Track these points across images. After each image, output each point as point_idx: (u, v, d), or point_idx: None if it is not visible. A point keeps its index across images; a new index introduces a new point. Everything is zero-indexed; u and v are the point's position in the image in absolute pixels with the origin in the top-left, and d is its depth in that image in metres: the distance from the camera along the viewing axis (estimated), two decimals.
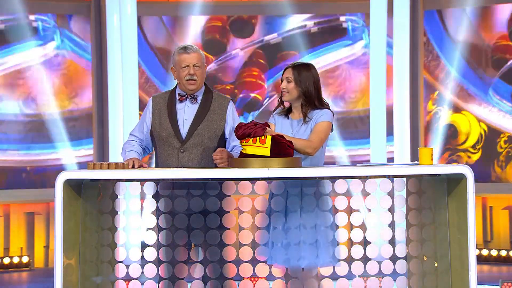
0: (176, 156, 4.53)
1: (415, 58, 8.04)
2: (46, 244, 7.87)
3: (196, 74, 4.55)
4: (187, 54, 4.56)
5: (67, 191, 4.03)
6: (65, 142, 7.89)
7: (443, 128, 8.02)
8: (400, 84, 7.88)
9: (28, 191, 7.83)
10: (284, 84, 4.50)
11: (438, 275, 4.28)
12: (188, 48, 4.58)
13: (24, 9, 7.75)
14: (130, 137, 4.70)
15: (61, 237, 4.00)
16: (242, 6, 8.31)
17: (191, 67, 4.54)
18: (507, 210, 7.93)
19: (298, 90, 4.48)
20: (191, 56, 4.56)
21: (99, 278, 4.28)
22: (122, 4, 7.68)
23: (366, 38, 8.12)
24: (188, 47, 4.58)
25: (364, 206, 4.25)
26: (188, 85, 4.55)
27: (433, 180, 4.28)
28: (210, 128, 4.56)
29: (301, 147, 4.31)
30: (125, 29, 7.67)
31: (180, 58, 4.57)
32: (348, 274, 4.26)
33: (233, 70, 8.24)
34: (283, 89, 4.50)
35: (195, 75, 4.55)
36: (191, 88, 4.56)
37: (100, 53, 7.99)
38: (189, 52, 4.56)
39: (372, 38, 7.82)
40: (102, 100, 7.98)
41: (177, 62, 4.58)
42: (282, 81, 4.52)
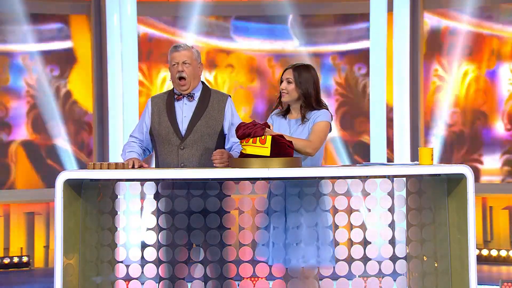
0: (176, 153, 4.53)
1: (415, 58, 8.04)
2: (46, 244, 7.87)
3: (186, 71, 4.55)
4: (177, 52, 4.57)
5: (67, 191, 4.03)
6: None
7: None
8: (400, 84, 7.88)
9: (28, 191, 7.83)
10: (284, 85, 4.49)
11: (438, 275, 4.28)
12: (179, 46, 4.60)
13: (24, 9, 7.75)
14: (130, 138, 4.70)
15: (61, 237, 4.00)
16: (242, 6, 8.31)
17: (180, 64, 4.55)
18: (507, 210, 7.93)
19: (298, 92, 4.47)
20: (180, 54, 4.57)
21: (99, 278, 4.28)
22: (122, 4, 7.68)
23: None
24: (178, 45, 4.61)
25: (364, 206, 4.25)
26: (179, 86, 4.56)
27: (433, 180, 4.28)
28: (209, 124, 4.56)
29: (301, 147, 4.31)
30: (125, 29, 7.67)
31: (170, 56, 4.60)
32: (348, 274, 4.26)
33: None
34: (283, 90, 4.50)
35: (184, 72, 4.55)
36: (182, 89, 4.57)
37: (100, 53, 7.98)
38: (179, 50, 4.57)
39: (372, 38, 7.82)
40: (102, 101, 7.98)
41: (169, 61, 4.61)
42: (282, 82, 4.51)
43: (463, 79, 8.08)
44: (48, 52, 7.97)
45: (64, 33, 8.03)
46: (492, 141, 8.02)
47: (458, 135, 8.11)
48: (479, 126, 8.05)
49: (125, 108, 7.65)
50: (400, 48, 7.87)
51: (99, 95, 8.00)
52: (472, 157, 8.07)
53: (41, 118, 7.93)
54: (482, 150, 8.05)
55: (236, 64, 8.31)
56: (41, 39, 7.95)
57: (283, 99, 4.53)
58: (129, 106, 7.65)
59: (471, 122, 8.08)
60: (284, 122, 4.54)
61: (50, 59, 7.97)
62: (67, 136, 7.96)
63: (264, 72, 8.33)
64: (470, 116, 8.08)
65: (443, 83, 8.13)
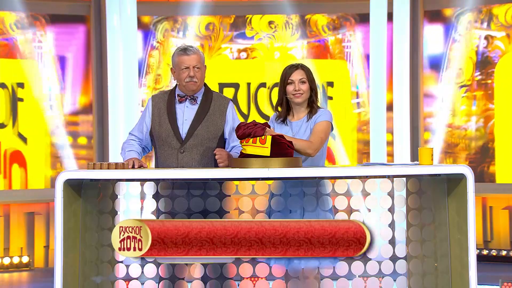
0: (176, 157, 4.53)
1: (415, 58, 8.03)
2: (46, 244, 7.86)
3: (196, 75, 4.55)
4: (187, 55, 4.56)
5: (67, 191, 4.03)
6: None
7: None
8: (400, 84, 7.88)
9: (28, 191, 7.82)
10: (298, 86, 4.47)
11: (438, 275, 4.28)
12: (188, 49, 4.57)
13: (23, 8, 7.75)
14: (129, 136, 4.70)
15: (61, 237, 4.00)
16: (242, 6, 8.31)
17: (191, 69, 4.54)
18: (507, 210, 7.92)
19: (309, 90, 4.49)
20: (191, 58, 4.56)
21: (99, 278, 4.28)
22: (122, 4, 7.68)
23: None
24: (188, 49, 4.58)
25: (364, 206, 4.25)
26: (188, 85, 4.56)
27: (433, 180, 4.28)
28: (210, 129, 4.56)
29: (302, 148, 4.31)
30: (125, 29, 7.67)
31: (179, 59, 4.57)
32: (348, 274, 4.26)
33: None
34: (298, 91, 4.47)
35: (195, 77, 4.55)
36: (192, 89, 4.56)
37: (100, 53, 7.98)
38: (189, 53, 4.56)
39: (372, 39, 7.81)
40: (102, 100, 7.97)
41: (176, 63, 4.58)
42: (290, 83, 4.48)
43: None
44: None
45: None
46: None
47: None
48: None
49: (125, 108, 7.65)
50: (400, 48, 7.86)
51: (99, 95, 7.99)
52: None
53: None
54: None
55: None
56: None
57: (298, 100, 4.49)
58: (129, 106, 7.65)
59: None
60: (286, 128, 4.53)
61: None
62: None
63: None
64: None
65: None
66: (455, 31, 7.97)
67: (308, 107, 4.53)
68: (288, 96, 4.52)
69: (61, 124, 7.89)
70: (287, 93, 4.51)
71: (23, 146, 7.80)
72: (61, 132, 7.90)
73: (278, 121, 4.58)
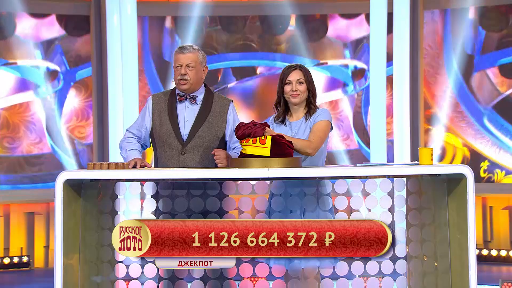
0: (177, 158, 4.52)
1: (415, 58, 8.04)
2: (46, 244, 7.87)
3: (189, 74, 4.54)
4: (182, 54, 4.56)
5: (67, 191, 4.03)
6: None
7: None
8: (400, 84, 7.88)
9: (28, 191, 7.83)
10: (296, 86, 4.48)
11: (438, 275, 4.28)
12: (185, 47, 4.57)
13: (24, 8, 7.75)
14: (127, 133, 4.66)
15: (61, 237, 4.00)
16: (242, 6, 8.31)
17: (183, 67, 4.53)
18: (507, 210, 7.93)
19: (307, 91, 4.49)
20: (185, 56, 4.55)
21: (99, 278, 4.28)
22: (122, 4, 7.68)
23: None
24: (184, 47, 4.58)
25: (364, 206, 4.25)
26: (179, 85, 4.55)
27: (433, 180, 4.28)
28: (211, 130, 4.56)
29: (301, 147, 4.31)
30: (125, 29, 7.67)
31: (175, 57, 4.59)
32: (348, 274, 4.26)
33: None
34: (295, 92, 4.48)
35: (186, 75, 4.53)
36: (182, 88, 4.55)
37: (100, 53, 7.98)
38: (184, 52, 4.55)
39: (372, 39, 7.81)
40: (102, 101, 7.98)
41: (173, 61, 4.60)
42: (288, 83, 4.49)
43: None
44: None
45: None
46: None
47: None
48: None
49: (125, 108, 7.65)
50: (400, 49, 7.86)
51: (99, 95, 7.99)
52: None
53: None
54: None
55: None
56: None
57: (295, 100, 4.50)
58: (129, 106, 7.64)
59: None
60: (285, 129, 4.53)
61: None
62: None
63: None
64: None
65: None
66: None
67: (306, 107, 4.54)
68: (286, 96, 4.53)
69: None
70: (285, 93, 4.52)
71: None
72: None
73: (277, 122, 4.58)
